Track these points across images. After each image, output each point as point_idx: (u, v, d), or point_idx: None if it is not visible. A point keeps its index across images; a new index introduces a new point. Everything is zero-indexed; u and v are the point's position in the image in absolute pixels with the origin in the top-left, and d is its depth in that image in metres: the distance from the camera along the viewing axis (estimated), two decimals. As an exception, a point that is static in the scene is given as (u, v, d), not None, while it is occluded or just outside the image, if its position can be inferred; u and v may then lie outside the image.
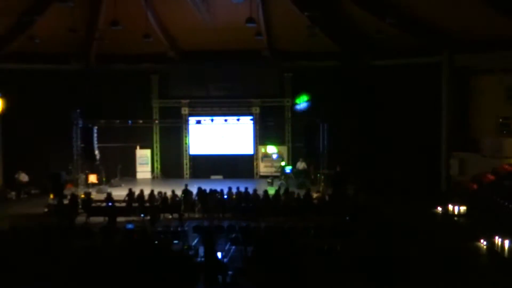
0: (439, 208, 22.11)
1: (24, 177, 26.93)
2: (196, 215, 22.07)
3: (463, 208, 21.23)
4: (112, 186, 27.16)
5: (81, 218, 21.53)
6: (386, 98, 27.37)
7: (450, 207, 21.49)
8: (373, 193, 24.25)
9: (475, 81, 25.61)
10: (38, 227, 17.55)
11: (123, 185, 27.22)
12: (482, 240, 16.98)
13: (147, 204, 22.05)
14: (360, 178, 25.85)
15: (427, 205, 22.42)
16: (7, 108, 26.11)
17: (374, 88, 27.75)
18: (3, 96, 25.93)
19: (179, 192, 22.66)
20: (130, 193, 22.53)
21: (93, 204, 22.33)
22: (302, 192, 23.18)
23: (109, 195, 22.51)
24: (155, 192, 22.78)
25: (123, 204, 22.34)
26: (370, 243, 15.87)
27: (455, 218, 20.93)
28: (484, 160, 23.65)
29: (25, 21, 24.76)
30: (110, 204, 22.15)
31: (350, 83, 28.10)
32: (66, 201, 22.47)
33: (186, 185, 23.21)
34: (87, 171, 27.52)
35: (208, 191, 22.84)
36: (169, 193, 22.55)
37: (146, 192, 22.74)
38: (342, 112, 27.47)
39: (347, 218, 19.82)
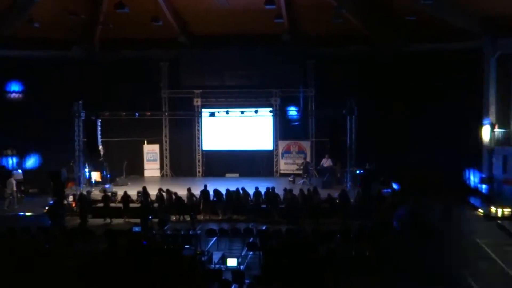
0: (480, 210, 21.87)
1: (17, 176, 26.79)
2: (220, 217, 22.32)
3: (507, 210, 20.98)
4: (117, 184, 27.23)
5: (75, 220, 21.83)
6: (421, 87, 27.08)
7: (493, 209, 21.24)
8: (407, 194, 23.98)
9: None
10: (36, 229, 17.71)
11: (129, 183, 27.37)
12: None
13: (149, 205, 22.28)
14: (393, 177, 25.56)
15: (468, 207, 22.18)
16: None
17: (407, 76, 27.47)
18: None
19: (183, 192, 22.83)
20: (145, 193, 22.72)
21: (97, 205, 22.58)
22: (328, 192, 23.13)
23: (125, 194, 22.81)
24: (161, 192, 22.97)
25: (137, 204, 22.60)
26: (405, 248, 15.72)
27: (499, 222, 20.69)
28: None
29: (23, 2, 24.88)
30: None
31: (380, 71, 27.85)
32: (68, 201, 22.69)
33: (206, 186, 23.23)
34: (90, 168, 27.63)
35: (225, 191, 22.91)
36: (183, 193, 22.68)
37: (154, 192, 22.93)
38: (371, 103, 27.22)
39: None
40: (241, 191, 22.81)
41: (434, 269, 14.38)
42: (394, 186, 24.48)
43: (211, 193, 22.99)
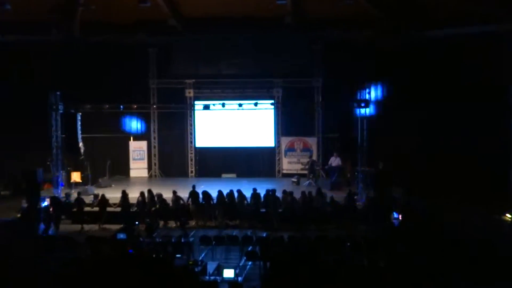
0: (508, 215, 21.86)
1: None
2: (208, 223, 22.30)
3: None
4: (100, 186, 27.24)
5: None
6: (441, 77, 27.02)
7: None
8: (425, 197, 23.97)
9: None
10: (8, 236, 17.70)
11: (113, 185, 27.38)
12: None
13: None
14: (409, 178, 25.40)
15: (494, 211, 22.17)
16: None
17: (426, 65, 27.43)
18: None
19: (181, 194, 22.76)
20: (124, 196, 22.67)
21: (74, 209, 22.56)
22: (332, 195, 23.19)
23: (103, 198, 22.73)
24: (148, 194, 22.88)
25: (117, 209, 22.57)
26: (423, 258, 15.70)
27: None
28: None
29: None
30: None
31: (395, 58, 27.80)
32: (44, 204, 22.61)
33: (194, 186, 23.19)
34: (69, 168, 27.54)
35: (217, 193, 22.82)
36: (168, 196, 22.67)
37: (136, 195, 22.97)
38: (385, 95, 27.18)
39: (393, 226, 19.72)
40: (236, 194, 22.70)
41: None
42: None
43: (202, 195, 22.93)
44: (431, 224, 19.78)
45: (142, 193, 22.69)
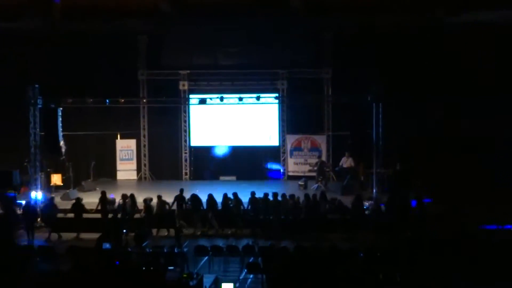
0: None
1: None
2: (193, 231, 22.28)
3: None
4: (83, 190, 27.32)
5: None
6: (467, 68, 27.04)
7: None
8: (448, 202, 23.95)
9: None
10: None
11: (97, 188, 27.29)
12: None
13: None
14: (430, 180, 25.46)
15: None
16: None
17: (450, 54, 27.44)
18: None
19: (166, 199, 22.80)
20: (103, 199, 22.69)
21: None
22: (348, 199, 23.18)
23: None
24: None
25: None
26: (444, 272, 15.66)
27: None
28: None
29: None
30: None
31: (415, 47, 27.91)
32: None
33: (182, 190, 23.07)
34: (48, 170, 27.57)
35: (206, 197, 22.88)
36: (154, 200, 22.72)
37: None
38: (404, 88, 27.21)
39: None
40: (231, 197, 22.68)
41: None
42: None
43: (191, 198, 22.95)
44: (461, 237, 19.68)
45: (124, 196, 22.65)
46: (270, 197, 22.50)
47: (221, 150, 30.53)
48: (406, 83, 27.59)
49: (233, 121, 30.53)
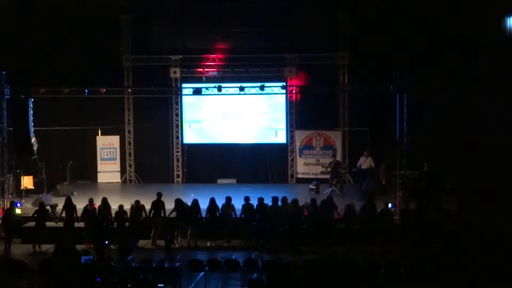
0: None
1: None
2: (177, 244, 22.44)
3: None
4: (58, 194, 27.21)
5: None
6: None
7: None
8: (484, 208, 24.18)
9: None
10: None
11: (75, 193, 27.40)
12: None
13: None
14: (464, 184, 25.56)
15: None
16: None
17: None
18: None
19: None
20: (69, 205, 22.79)
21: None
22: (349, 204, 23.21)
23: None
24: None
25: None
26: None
27: None
28: None
29: None
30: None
31: (445, 29, 27.95)
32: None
33: (160, 194, 22.90)
34: (18, 171, 27.65)
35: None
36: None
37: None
38: (432, 76, 27.48)
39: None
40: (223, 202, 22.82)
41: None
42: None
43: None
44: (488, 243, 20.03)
45: (91, 201, 22.79)
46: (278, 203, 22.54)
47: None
48: (436, 70, 27.80)
49: (233, 114, 30.76)
